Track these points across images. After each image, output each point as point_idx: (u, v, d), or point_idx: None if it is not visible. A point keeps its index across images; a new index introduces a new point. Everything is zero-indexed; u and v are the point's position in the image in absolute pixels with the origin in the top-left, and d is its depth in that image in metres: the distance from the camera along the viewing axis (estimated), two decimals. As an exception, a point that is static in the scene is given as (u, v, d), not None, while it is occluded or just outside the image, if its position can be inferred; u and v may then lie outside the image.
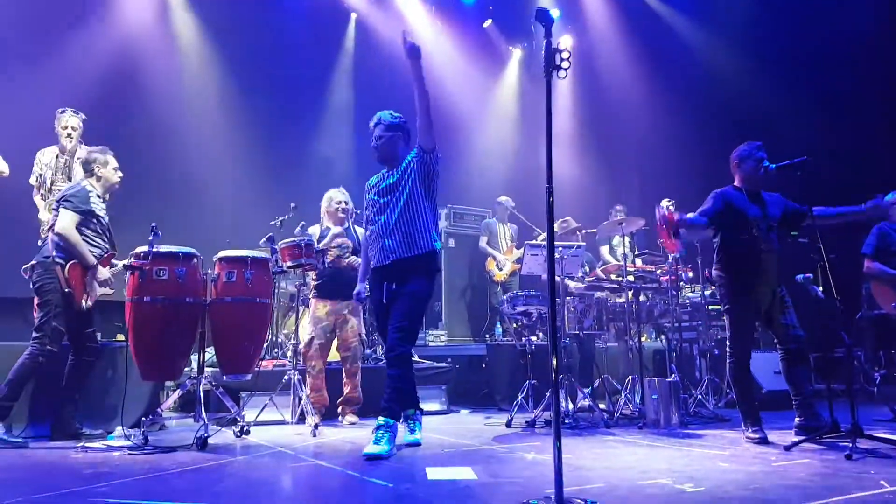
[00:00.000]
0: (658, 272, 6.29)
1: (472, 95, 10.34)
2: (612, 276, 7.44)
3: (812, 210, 4.16)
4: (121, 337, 5.69)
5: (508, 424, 4.90)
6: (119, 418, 4.51)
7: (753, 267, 4.31)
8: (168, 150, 7.77)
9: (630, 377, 5.44)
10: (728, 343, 4.38)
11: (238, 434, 4.51)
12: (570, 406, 5.11)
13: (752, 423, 4.21)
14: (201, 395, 4.33)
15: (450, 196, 9.00)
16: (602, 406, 5.44)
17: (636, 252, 6.60)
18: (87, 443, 4.14)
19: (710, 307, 6.86)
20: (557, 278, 6.03)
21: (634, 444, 4.15)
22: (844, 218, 4.39)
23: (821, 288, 5.12)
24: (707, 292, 6.80)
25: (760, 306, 4.34)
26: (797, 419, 4.28)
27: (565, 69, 2.43)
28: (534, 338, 5.59)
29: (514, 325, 5.88)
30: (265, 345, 5.56)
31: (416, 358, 6.69)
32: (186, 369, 4.65)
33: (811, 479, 2.98)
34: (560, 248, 5.53)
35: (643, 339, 6.17)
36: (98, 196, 4.56)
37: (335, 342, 5.50)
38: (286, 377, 5.20)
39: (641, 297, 5.88)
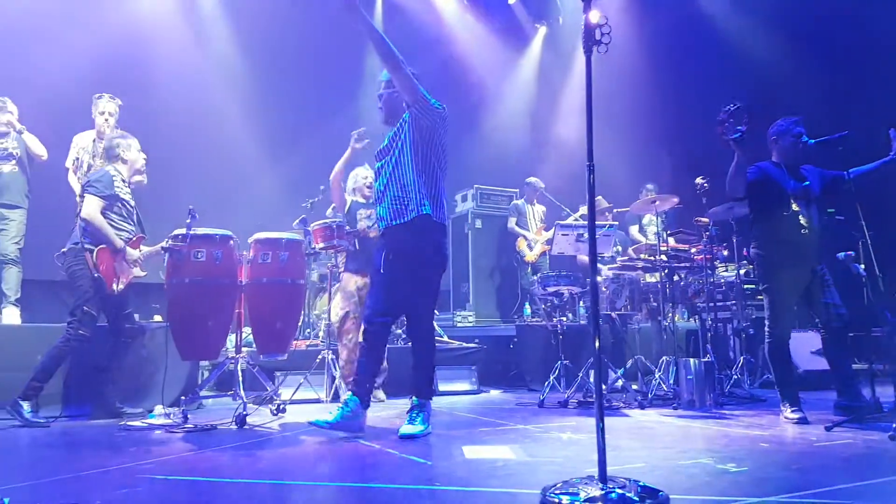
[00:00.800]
0: (692, 251, 6.21)
1: (498, 73, 10.25)
2: (644, 256, 7.38)
3: (850, 172, 4.06)
4: (158, 318, 5.80)
5: (541, 405, 4.91)
6: (158, 397, 4.62)
7: (793, 244, 4.22)
8: (203, 134, 7.80)
9: (664, 358, 5.39)
10: (767, 322, 4.32)
11: (274, 412, 4.58)
12: (603, 387, 5.08)
13: (792, 403, 4.15)
14: (239, 374, 4.39)
15: (476, 176, 8.95)
16: (635, 387, 5.42)
17: (668, 231, 6.51)
18: (129, 421, 4.22)
19: (745, 286, 6.78)
20: (587, 258, 5.99)
21: (670, 424, 4.13)
22: (878, 172, 4.29)
23: (862, 265, 5.05)
24: (742, 271, 6.72)
25: (800, 284, 4.26)
26: (838, 399, 4.22)
27: (606, 44, 2.38)
28: (563, 318, 5.56)
29: (544, 305, 5.87)
30: (298, 325, 5.62)
31: (444, 338, 6.74)
32: (224, 349, 4.71)
33: (854, 460, 2.93)
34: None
35: (676, 319, 6.11)
36: (123, 181, 4.60)
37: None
38: (320, 356, 5.25)
39: (675, 277, 5.82)
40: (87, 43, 6.95)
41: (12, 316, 5.08)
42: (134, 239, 4.57)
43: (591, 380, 5.07)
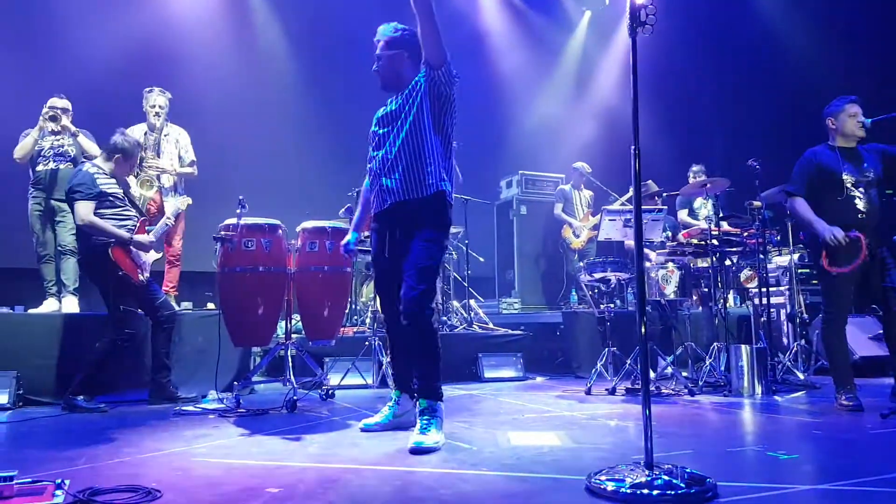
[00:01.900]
0: (744, 235, 6.07)
1: (544, 59, 10.14)
2: (695, 241, 7.23)
3: None
4: (211, 305, 5.94)
5: (588, 392, 4.87)
6: (211, 382, 4.75)
7: (847, 229, 4.09)
8: (252, 124, 7.93)
9: (715, 344, 5.30)
10: (822, 308, 4.20)
11: (323, 397, 4.67)
12: (652, 374, 5.03)
13: (846, 390, 4.03)
14: (289, 360, 4.48)
15: (520, 162, 8.90)
16: (685, 374, 5.34)
17: (721, 214, 6.36)
18: (183, 406, 4.36)
19: (800, 270, 6.60)
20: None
21: (720, 411, 4.07)
22: None
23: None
24: (796, 255, 6.54)
25: (857, 269, 4.12)
26: (895, 386, 4.09)
27: (651, 24, 2.34)
28: (611, 305, 5.50)
29: (591, 292, 5.81)
30: (345, 312, 5.69)
31: (490, 325, 6.75)
32: (274, 336, 4.81)
33: (914, 449, 2.85)
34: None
35: (728, 304, 5.98)
36: (104, 173, 4.53)
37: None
38: (367, 343, 5.32)
39: (726, 262, 5.70)
40: (136, 37, 7.14)
41: (71, 304, 5.28)
42: (138, 225, 4.61)
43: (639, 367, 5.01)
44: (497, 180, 9.07)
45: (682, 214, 8.04)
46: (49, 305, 5.34)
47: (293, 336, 4.61)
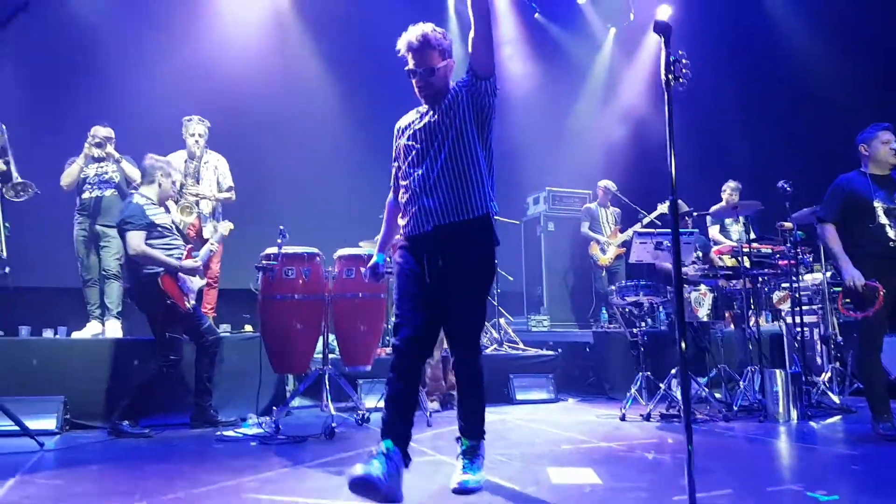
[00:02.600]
0: (776, 255, 6.06)
1: (569, 74, 10.17)
2: (726, 259, 7.22)
3: None
4: (249, 328, 6.06)
5: (623, 419, 4.89)
6: (249, 405, 4.87)
7: (878, 258, 4.10)
8: (290, 152, 7.95)
9: (749, 368, 5.30)
10: (856, 334, 4.20)
11: (359, 422, 4.74)
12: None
13: (883, 419, 4.01)
14: (326, 385, 4.56)
15: (547, 178, 8.93)
16: (718, 396, 5.34)
17: (752, 235, 6.35)
18: (224, 431, 4.46)
19: (833, 287, 6.56)
20: (668, 265, 5.92)
21: (757, 440, 4.07)
22: None
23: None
24: (829, 273, 6.50)
25: (890, 294, 4.09)
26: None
27: (686, 78, 2.38)
28: (643, 324, 5.52)
29: (621, 312, 5.84)
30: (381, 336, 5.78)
31: (520, 345, 6.79)
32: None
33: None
34: (670, 235, 5.42)
35: (761, 322, 5.97)
36: (153, 203, 4.70)
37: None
38: (402, 367, 5.39)
39: (759, 282, 5.69)
40: (177, 66, 7.30)
41: (114, 329, 5.43)
42: (185, 254, 4.74)
43: (675, 391, 5.03)
44: (524, 196, 9.11)
45: (714, 231, 8.03)
46: (92, 328, 5.49)
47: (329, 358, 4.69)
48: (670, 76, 2.33)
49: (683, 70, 2.30)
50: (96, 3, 7.20)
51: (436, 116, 3.01)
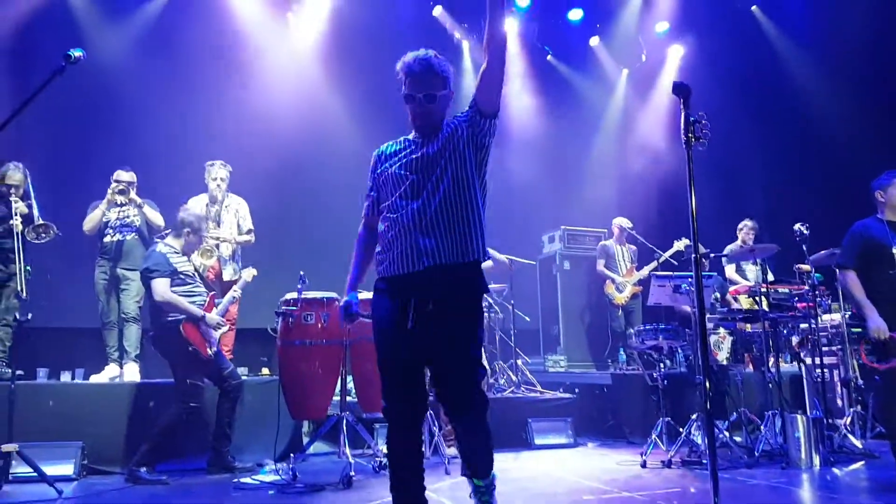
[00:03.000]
0: (794, 296, 6.02)
1: (582, 114, 10.25)
2: (742, 299, 7.18)
3: None
4: (266, 371, 6.06)
5: (643, 465, 4.82)
6: (267, 451, 4.85)
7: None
8: (310, 195, 8.01)
9: (770, 412, 5.23)
10: (880, 377, 4.15)
11: (376, 469, 4.69)
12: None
13: (909, 467, 3.96)
14: (344, 431, 4.54)
15: (562, 217, 8.95)
16: (738, 440, 5.27)
17: (769, 276, 6.32)
18: (241, 478, 4.44)
19: (853, 329, 6.49)
20: (686, 308, 5.90)
21: (780, 488, 4.02)
22: None
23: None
24: (847, 314, 6.45)
25: None
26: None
27: (705, 138, 2.41)
28: (661, 365, 5.48)
29: (640, 356, 5.82)
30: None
31: (538, 388, 6.74)
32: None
33: None
34: (688, 279, 5.41)
35: (781, 364, 5.91)
36: (175, 252, 4.79)
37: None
38: (418, 410, 5.35)
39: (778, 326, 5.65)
40: (199, 111, 7.40)
41: (132, 372, 5.44)
42: (208, 300, 4.81)
43: (695, 436, 4.97)
44: (539, 235, 9.13)
45: (730, 271, 7.98)
46: (110, 371, 5.52)
47: (347, 400, 4.68)
48: (690, 136, 2.35)
49: (703, 130, 2.33)
50: (120, 50, 7.35)
51: (434, 148, 2.78)
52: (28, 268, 5.09)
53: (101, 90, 7.08)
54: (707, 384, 2.66)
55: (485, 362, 5.70)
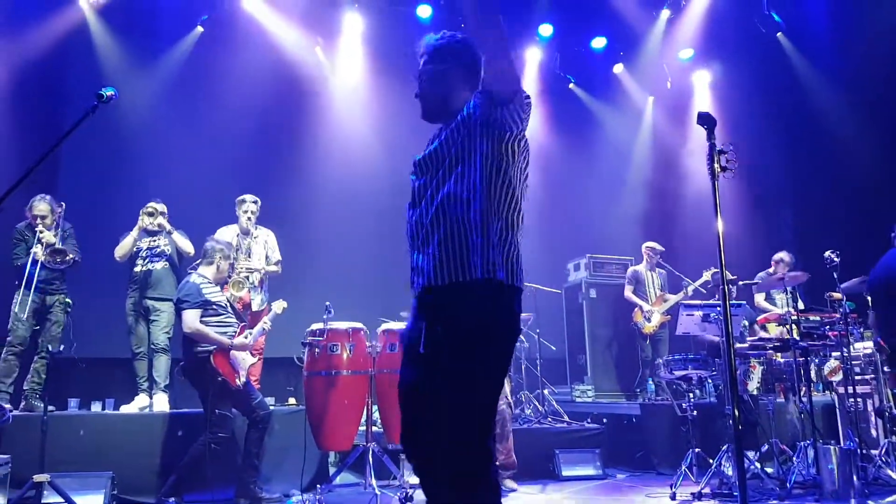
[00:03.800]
0: (826, 326, 5.91)
1: (606, 141, 10.26)
2: (772, 327, 7.06)
3: None
4: (292, 401, 6.09)
5: (673, 497, 4.75)
6: (293, 481, 4.86)
7: None
8: (335, 224, 8.10)
9: (802, 443, 5.12)
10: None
11: (402, 501, 4.66)
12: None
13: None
14: (370, 462, 4.53)
15: (588, 245, 8.91)
16: (770, 471, 5.17)
17: (801, 304, 6.23)
18: (269, 509, 4.45)
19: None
20: (714, 338, 5.83)
21: (815, 524, 3.91)
22: None
23: None
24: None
25: None
26: None
27: (732, 168, 2.42)
28: (690, 395, 5.41)
29: (669, 386, 5.74)
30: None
31: (565, 418, 6.67)
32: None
33: None
34: (717, 308, 5.36)
35: (813, 394, 5.80)
36: (209, 282, 4.85)
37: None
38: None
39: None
40: (227, 142, 7.58)
41: (162, 402, 5.50)
42: (238, 332, 4.85)
43: (725, 468, 4.88)
44: (564, 263, 9.10)
45: (759, 298, 7.88)
46: (140, 401, 5.58)
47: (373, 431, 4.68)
48: (717, 165, 2.36)
49: (729, 161, 2.34)
50: (151, 85, 7.60)
51: (439, 141, 2.32)
52: (69, 300, 5.21)
53: (134, 126, 7.29)
54: (737, 414, 2.63)
55: (508, 395, 5.58)
